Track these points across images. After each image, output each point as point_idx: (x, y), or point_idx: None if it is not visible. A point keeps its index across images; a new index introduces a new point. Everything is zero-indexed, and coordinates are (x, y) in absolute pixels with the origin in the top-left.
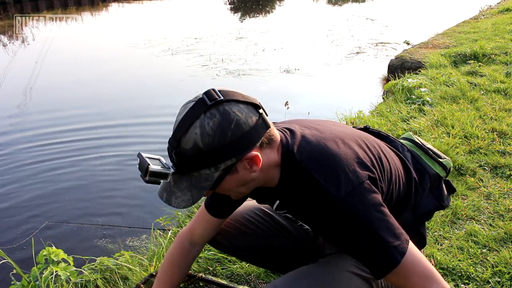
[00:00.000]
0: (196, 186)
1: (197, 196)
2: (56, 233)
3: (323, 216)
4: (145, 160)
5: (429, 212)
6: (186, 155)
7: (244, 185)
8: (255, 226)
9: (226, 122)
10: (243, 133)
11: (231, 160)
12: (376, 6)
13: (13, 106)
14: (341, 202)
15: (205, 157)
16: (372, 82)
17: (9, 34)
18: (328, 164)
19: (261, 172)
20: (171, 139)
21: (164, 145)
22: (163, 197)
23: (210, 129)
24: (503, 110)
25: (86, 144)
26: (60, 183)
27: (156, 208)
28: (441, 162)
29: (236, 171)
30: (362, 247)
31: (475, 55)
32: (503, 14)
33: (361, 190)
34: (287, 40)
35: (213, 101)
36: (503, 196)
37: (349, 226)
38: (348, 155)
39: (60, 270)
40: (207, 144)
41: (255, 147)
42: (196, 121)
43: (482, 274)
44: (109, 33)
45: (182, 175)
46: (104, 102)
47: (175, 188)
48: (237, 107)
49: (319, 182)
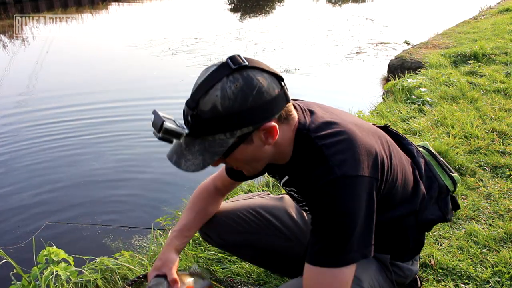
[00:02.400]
0: (209, 150)
1: (209, 161)
2: (57, 233)
3: (317, 190)
4: (160, 117)
5: (431, 221)
6: (203, 117)
7: (256, 160)
8: (248, 225)
9: (248, 88)
10: (264, 102)
11: (248, 128)
12: (376, 6)
13: (13, 107)
14: (338, 180)
15: (222, 121)
16: (372, 82)
17: (9, 34)
18: (341, 146)
19: (275, 147)
20: (189, 100)
21: (165, 146)
22: (173, 160)
23: (232, 93)
24: (503, 110)
25: (86, 144)
26: (60, 183)
27: (156, 208)
28: (451, 175)
29: (252, 141)
30: (328, 228)
31: (475, 55)
32: (503, 14)
33: (361, 182)
34: (287, 40)
35: (237, 65)
36: (503, 196)
37: (331, 205)
38: (363, 146)
39: (60, 270)
40: (226, 108)
41: (274, 118)
42: (218, 83)
43: (482, 274)
44: (109, 33)
45: (195, 138)
46: (103, 102)
47: (186, 151)
48: (261, 75)
49: (327, 159)
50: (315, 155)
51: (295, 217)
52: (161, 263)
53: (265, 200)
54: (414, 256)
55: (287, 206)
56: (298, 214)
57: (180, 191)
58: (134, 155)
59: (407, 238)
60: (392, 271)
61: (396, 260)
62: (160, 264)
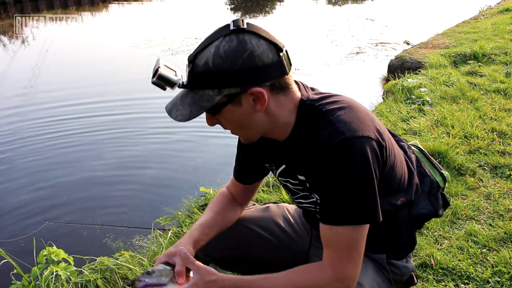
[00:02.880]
0: (197, 103)
1: (195, 113)
2: (57, 233)
3: (327, 152)
4: (158, 63)
5: (423, 216)
6: (196, 71)
7: (247, 126)
8: (238, 240)
9: (240, 50)
10: (255, 66)
11: (235, 88)
12: (376, 6)
13: (12, 106)
14: (347, 141)
15: (211, 77)
16: (372, 82)
17: (9, 34)
18: (345, 111)
19: (269, 117)
20: (189, 55)
21: (165, 146)
22: (167, 108)
23: (223, 52)
24: (503, 110)
25: (85, 144)
26: (61, 183)
27: (156, 208)
28: (442, 172)
29: (240, 103)
30: (340, 189)
31: (475, 55)
32: (503, 14)
33: (368, 143)
34: (287, 40)
35: (236, 27)
36: (503, 196)
37: (342, 165)
38: (366, 114)
39: (60, 270)
40: (216, 65)
41: (264, 85)
42: (215, 41)
43: (482, 274)
44: (109, 33)
45: (190, 91)
46: (103, 102)
47: (179, 101)
48: (257, 41)
49: (333, 122)
50: (321, 120)
51: (283, 224)
52: (175, 251)
53: (251, 212)
54: (408, 253)
55: (274, 215)
56: (285, 222)
57: (180, 191)
58: (134, 155)
59: (401, 234)
60: (389, 270)
61: (391, 258)
62: (173, 251)
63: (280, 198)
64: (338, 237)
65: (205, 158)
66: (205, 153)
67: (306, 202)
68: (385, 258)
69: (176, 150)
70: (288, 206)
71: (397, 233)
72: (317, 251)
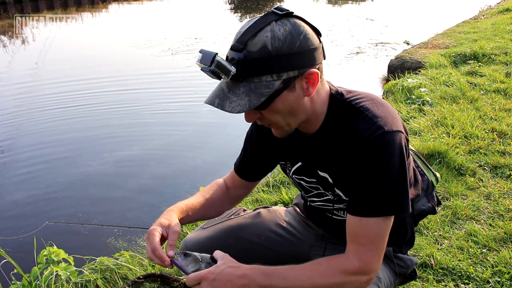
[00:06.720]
0: (255, 91)
1: (255, 102)
2: (57, 233)
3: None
4: (211, 51)
5: (423, 213)
6: (251, 58)
7: (293, 113)
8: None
9: (296, 32)
10: (310, 48)
11: (293, 71)
12: (376, 6)
13: (12, 106)
14: (384, 135)
15: (271, 62)
16: (372, 82)
17: (9, 34)
18: (376, 107)
19: (311, 104)
20: (235, 44)
21: (165, 146)
22: (215, 103)
23: (281, 35)
24: (503, 110)
25: (86, 144)
26: (60, 183)
27: (156, 208)
28: (434, 173)
29: (294, 88)
30: (379, 180)
31: (475, 55)
32: (503, 14)
33: (401, 138)
34: None
35: (284, 11)
36: (503, 196)
37: (382, 159)
38: (395, 114)
39: (60, 270)
40: (276, 48)
41: (316, 66)
42: (267, 26)
43: (482, 274)
44: (109, 33)
45: (239, 82)
46: (103, 102)
47: (230, 93)
48: (304, 24)
49: (369, 116)
50: (356, 114)
51: (276, 228)
52: (168, 223)
53: (243, 220)
54: (409, 248)
55: (266, 221)
56: (278, 226)
57: (180, 191)
58: (134, 155)
59: (406, 228)
60: (395, 263)
61: (396, 252)
62: (166, 224)
63: (280, 198)
64: (368, 229)
65: (205, 158)
66: (205, 153)
67: (319, 200)
68: (392, 251)
69: (176, 150)
70: (279, 209)
71: (403, 227)
72: (318, 251)
